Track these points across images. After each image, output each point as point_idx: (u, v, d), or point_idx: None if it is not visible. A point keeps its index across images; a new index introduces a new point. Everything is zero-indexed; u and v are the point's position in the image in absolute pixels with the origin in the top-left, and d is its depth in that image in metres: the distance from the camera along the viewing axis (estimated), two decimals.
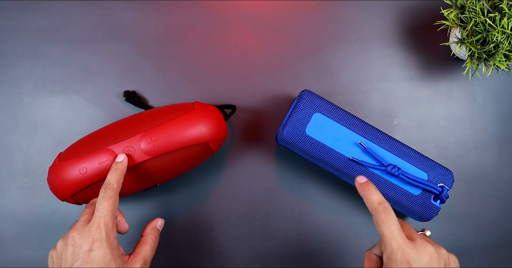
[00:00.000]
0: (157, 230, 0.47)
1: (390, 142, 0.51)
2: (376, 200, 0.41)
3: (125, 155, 0.47)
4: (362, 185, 0.43)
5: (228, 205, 0.56)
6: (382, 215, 0.40)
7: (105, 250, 0.40)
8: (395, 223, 0.40)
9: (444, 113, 0.58)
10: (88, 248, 0.40)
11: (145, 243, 0.45)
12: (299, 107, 0.50)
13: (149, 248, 0.45)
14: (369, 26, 0.58)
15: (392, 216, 0.40)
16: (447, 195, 0.50)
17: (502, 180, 0.58)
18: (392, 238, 0.39)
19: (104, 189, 0.43)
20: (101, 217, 0.42)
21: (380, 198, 0.41)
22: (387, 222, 0.40)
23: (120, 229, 0.45)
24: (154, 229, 0.47)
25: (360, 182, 0.43)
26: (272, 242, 0.56)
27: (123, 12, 0.58)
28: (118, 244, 0.43)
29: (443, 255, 0.42)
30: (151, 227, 0.47)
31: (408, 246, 0.39)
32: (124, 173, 0.45)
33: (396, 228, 0.40)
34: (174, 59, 0.57)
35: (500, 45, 0.48)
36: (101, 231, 0.41)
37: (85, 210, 0.45)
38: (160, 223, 0.48)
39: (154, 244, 0.46)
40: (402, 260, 0.39)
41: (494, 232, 0.57)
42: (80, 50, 0.57)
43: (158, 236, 0.47)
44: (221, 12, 0.58)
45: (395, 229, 0.39)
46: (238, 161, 0.56)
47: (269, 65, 0.57)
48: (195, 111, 0.49)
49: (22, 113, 0.56)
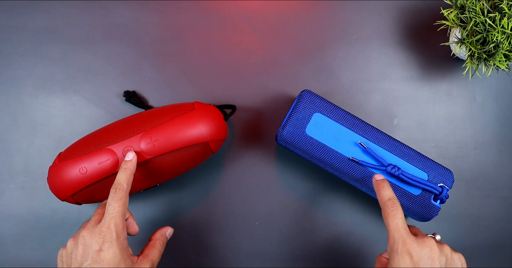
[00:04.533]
0: (165, 237, 0.48)
1: (390, 142, 0.51)
2: (386, 195, 0.45)
3: (134, 153, 0.46)
4: (378, 181, 0.47)
5: (228, 205, 0.56)
6: (390, 209, 0.43)
7: (115, 250, 0.41)
8: (401, 217, 0.43)
9: (444, 113, 0.58)
10: (98, 248, 0.41)
11: (154, 246, 0.46)
12: (299, 107, 0.50)
13: (157, 252, 0.46)
14: (369, 26, 0.58)
15: (398, 210, 0.43)
16: (447, 195, 0.50)
17: (502, 180, 0.58)
18: (396, 229, 0.42)
19: (114, 189, 0.43)
20: (111, 217, 0.42)
21: (390, 194, 0.45)
22: (393, 215, 0.43)
23: (130, 231, 0.46)
24: (163, 235, 0.48)
25: (376, 179, 0.47)
26: (272, 242, 0.56)
27: (123, 12, 0.58)
28: (127, 245, 0.43)
29: (446, 251, 0.43)
30: (160, 233, 0.48)
31: (410, 238, 0.42)
32: (133, 172, 0.45)
33: (401, 221, 0.43)
34: (174, 59, 0.57)
35: (500, 45, 0.48)
36: (111, 232, 0.41)
37: (97, 210, 0.45)
38: (170, 232, 0.49)
39: (162, 249, 0.46)
40: (403, 250, 0.41)
41: (494, 232, 0.57)
42: (80, 50, 0.57)
43: (165, 243, 0.47)
44: (221, 12, 0.58)
45: (399, 222, 0.43)
46: (238, 161, 0.56)
47: (269, 65, 0.57)
48: (195, 111, 0.49)
49: (22, 113, 0.56)
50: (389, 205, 0.44)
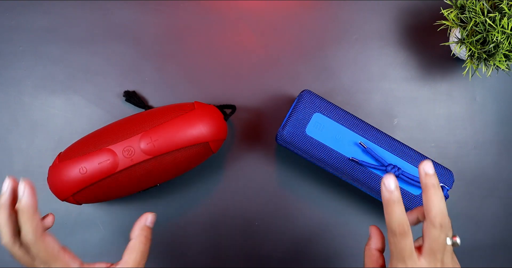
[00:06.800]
0: (147, 228, 0.42)
1: (390, 142, 0.51)
2: (396, 220, 0.38)
3: (25, 186, 0.38)
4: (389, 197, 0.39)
5: (228, 205, 0.56)
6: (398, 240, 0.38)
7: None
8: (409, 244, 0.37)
9: (444, 113, 0.58)
10: None
11: (133, 249, 0.41)
12: (299, 107, 0.50)
13: (138, 254, 0.40)
14: (369, 26, 0.58)
15: (407, 241, 0.37)
16: (447, 195, 0.50)
17: (502, 180, 0.58)
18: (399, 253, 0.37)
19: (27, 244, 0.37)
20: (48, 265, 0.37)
21: (402, 219, 0.38)
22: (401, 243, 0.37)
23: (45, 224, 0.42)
24: (143, 229, 0.42)
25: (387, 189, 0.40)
26: (272, 242, 0.56)
27: (123, 12, 0.58)
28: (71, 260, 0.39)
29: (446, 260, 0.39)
30: (139, 226, 0.42)
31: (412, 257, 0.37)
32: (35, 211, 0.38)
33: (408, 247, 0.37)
34: (174, 59, 0.57)
35: (500, 45, 0.48)
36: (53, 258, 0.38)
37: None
38: (151, 219, 0.43)
39: (145, 247, 0.41)
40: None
41: (494, 232, 0.57)
42: (80, 50, 0.57)
43: (149, 236, 0.42)
44: (221, 12, 0.58)
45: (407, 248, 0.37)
46: (238, 161, 0.56)
47: (269, 65, 0.57)
48: (195, 111, 0.49)
49: (22, 113, 0.56)
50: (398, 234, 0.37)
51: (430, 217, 0.37)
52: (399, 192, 0.38)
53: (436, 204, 0.37)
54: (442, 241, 0.37)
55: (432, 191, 0.38)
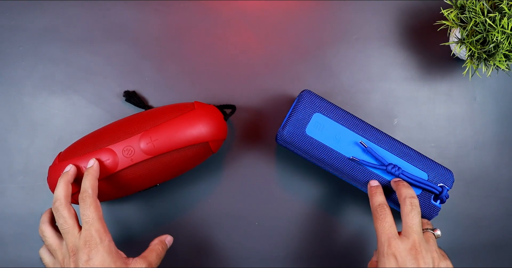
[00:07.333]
0: (165, 243, 0.49)
1: (390, 142, 0.51)
2: (377, 201, 0.47)
3: (94, 159, 0.46)
4: (372, 187, 0.49)
5: (228, 205, 0.56)
6: (378, 213, 0.46)
7: (103, 254, 0.41)
8: (388, 221, 0.45)
9: (444, 113, 0.58)
10: (86, 258, 0.41)
11: (152, 250, 0.47)
12: (299, 107, 0.50)
13: (155, 254, 0.46)
14: (369, 26, 0.58)
15: (386, 214, 0.45)
16: (447, 195, 0.50)
17: (502, 180, 0.57)
18: (382, 232, 0.44)
19: (82, 198, 0.44)
20: (90, 225, 0.42)
21: (381, 200, 0.47)
22: (381, 219, 0.45)
23: None
24: (162, 242, 0.49)
25: (371, 185, 0.49)
26: (272, 242, 0.56)
27: (123, 12, 0.58)
28: (116, 248, 0.43)
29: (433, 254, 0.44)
30: (160, 239, 0.49)
31: (396, 241, 0.44)
32: (97, 177, 0.46)
33: (387, 224, 0.45)
34: (174, 59, 0.57)
35: (500, 45, 0.48)
36: (94, 238, 0.42)
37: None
38: (169, 240, 0.50)
39: (161, 254, 0.47)
40: (389, 252, 0.43)
41: (494, 232, 0.57)
42: (80, 50, 0.57)
43: (165, 249, 0.48)
44: (221, 12, 0.58)
45: (386, 226, 0.45)
46: (238, 161, 0.56)
47: (269, 65, 0.57)
48: (195, 111, 0.49)
49: (22, 113, 0.56)
50: (379, 210, 0.46)
51: (401, 199, 0.46)
52: (380, 186, 0.49)
53: (404, 190, 0.47)
54: (414, 216, 0.45)
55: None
